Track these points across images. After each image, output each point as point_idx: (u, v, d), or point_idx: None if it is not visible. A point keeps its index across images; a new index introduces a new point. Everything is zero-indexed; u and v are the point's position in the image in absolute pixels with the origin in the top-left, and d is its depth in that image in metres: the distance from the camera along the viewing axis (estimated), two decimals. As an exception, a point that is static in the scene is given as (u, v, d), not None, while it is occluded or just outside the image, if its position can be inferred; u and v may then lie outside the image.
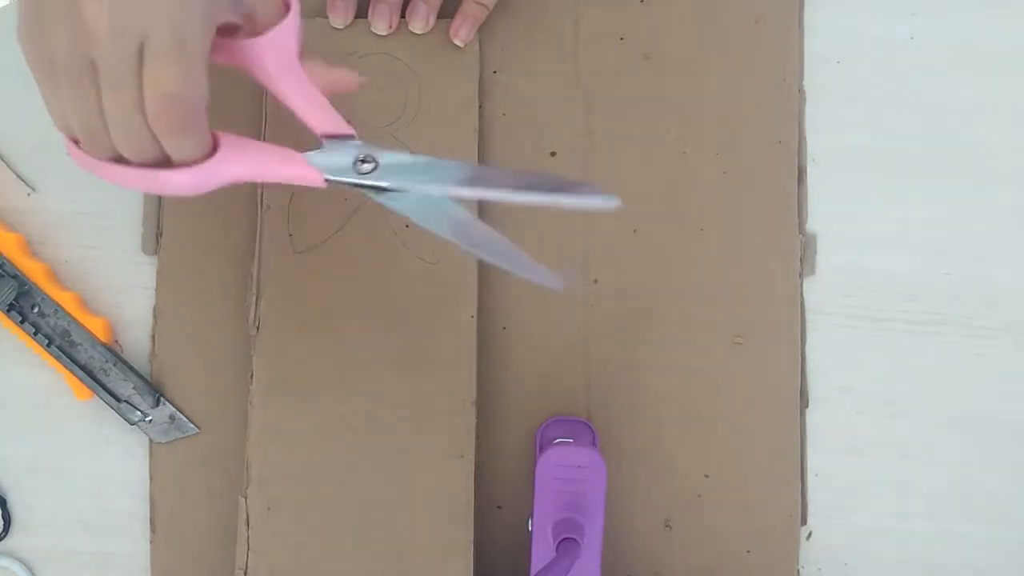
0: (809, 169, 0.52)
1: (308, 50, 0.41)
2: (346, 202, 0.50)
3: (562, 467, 0.46)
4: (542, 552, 0.46)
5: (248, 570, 0.48)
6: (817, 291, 0.52)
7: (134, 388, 0.51)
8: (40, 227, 0.53)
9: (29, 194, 0.53)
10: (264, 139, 0.50)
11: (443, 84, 0.50)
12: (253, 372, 0.49)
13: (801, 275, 0.52)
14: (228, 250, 0.51)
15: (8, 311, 0.50)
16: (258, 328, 0.49)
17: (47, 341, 0.51)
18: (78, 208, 0.53)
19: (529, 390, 0.51)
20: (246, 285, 0.50)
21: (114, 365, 0.51)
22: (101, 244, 0.53)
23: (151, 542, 0.51)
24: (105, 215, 0.53)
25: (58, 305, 0.51)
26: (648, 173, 0.52)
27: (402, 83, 0.50)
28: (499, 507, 0.51)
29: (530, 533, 0.47)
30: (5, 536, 0.52)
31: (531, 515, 0.47)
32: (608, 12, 0.52)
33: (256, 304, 0.49)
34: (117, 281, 0.53)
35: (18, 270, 0.51)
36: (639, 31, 0.52)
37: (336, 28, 0.50)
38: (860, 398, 0.52)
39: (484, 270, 0.50)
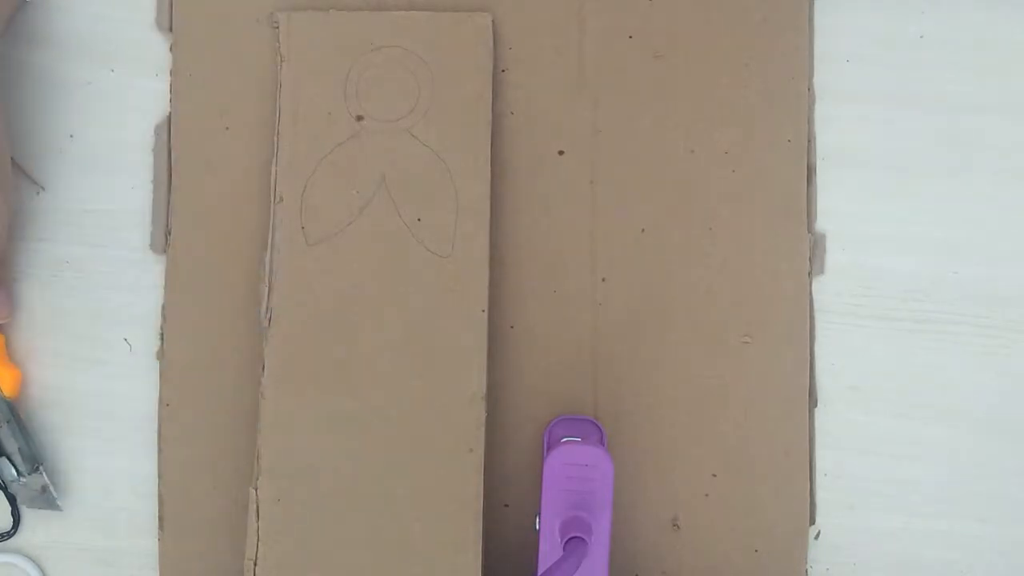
0: (818, 168, 0.52)
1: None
2: (358, 195, 0.50)
3: (570, 465, 0.46)
4: (549, 551, 0.46)
5: (257, 560, 0.48)
6: (826, 290, 0.52)
7: (19, 449, 0.51)
8: (49, 226, 0.53)
9: (38, 193, 0.53)
10: (278, 134, 0.50)
11: (457, 78, 0.50)
12: (264, 364, 0.49)
13: (810, 274, 0.51)
14: (237, 248, 0.52)
15: None
16: (270, 320, 0.49)
17: None
18: (86, 207, 0.53)
19: (537, 389, 0.51)
20: (258, 277, 0.51)
21: (7, 423, 0.51)
22: (109, 242, 0.53)
23: (159, 539, 0.52)
24: (113, 214, 0.53)
25: None
26: (656, 172, 0.52)
27: (415, 76, 0.50)
28: (506, 505, 0.51)
29: (537, 531, 0.47)
30: (15, 533, 0.52)
31: (538, 513, 0.47)
32: (616, 11, 0.52)
33: (268, 296, 0.49)
34: (126, 279, 0.53)
35: None
36: (648, 30, 0.52)
37: (349, 20, 0.50)
38: (869, 397, 0.52)
39: (495, 267, 0.50)
